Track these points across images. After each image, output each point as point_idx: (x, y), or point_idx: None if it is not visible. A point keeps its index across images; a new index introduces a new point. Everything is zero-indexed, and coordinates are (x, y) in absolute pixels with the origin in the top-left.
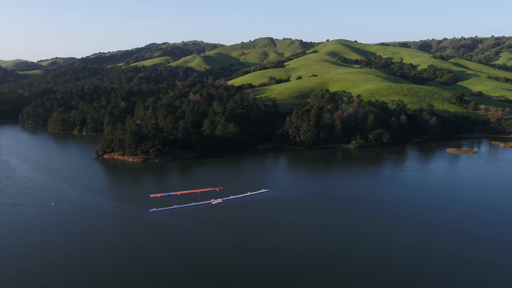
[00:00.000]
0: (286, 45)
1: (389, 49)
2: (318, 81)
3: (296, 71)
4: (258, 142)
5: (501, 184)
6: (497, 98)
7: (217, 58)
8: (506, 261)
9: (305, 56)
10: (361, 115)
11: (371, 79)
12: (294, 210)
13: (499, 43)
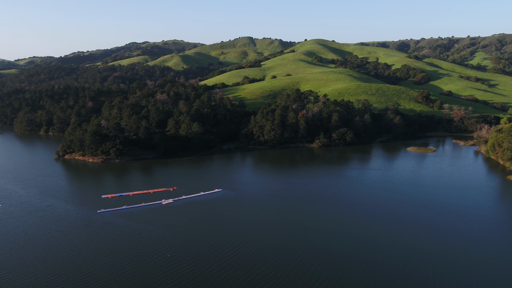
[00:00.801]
0: (265, 44)
1: (365, 49)
2: (290, 81)
3: (271, 70)
4: (223, 141)
5: (453, 181)
6: (465, 97)
7: (196, 58)
8: (457, 250)
9: (282, 56)
10: (325, 114)
11: (342, 78)
12: (243, 210)
13: (475, 43)
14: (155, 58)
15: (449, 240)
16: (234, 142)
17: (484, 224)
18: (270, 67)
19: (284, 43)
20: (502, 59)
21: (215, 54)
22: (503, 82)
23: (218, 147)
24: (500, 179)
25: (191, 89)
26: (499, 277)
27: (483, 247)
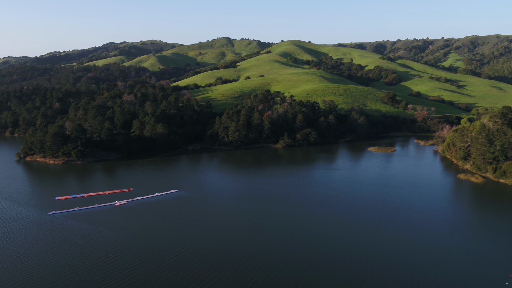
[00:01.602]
0: (243, 45)
1: (341, 50)
2: (262, 82)
3: (246, 71)
4: (189, 142)
5: (407, 180)
6: (433, 97)
7: (173, 58)
8: (408, 242)
9: (257, 57)
10: (290, 115)
11: (313, 79)
12: (197, 210)
13: (448, 44)
14: (131, 59)
15: (399, 233)
16: (200, 143)
17: (431, 221)
18: (245, 68)
19: (262, 44)
20: (474, 60)
21: (192, 55)
22: (472, 83)
23: (183, 148)
24: (452, 178)
25: (159, 90)
26: (448, 263)
27: (429, 241)
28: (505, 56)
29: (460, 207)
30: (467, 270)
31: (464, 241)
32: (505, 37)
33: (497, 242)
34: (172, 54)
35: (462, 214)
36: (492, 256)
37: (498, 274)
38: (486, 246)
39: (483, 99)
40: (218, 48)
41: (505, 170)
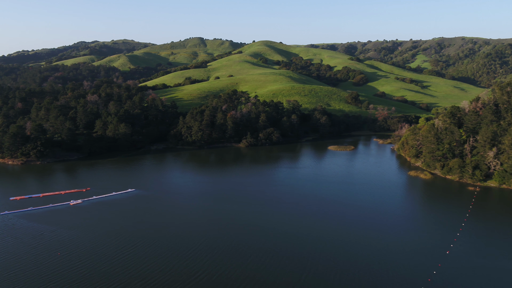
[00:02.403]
0: (216, 45)
1: (311, 50)
2: (230, 82)
3: (216, 71)
4: (153, 142)
5: (362, 177)
6: (396, 98)
7: (145, 58)
8: (364, 237)
9: (228, 57)
10: (254, 115)
11: (280, 80)
12: (152, 209)
13: (416, 46)
14: (102, 58)
15: (356, 228)
16: (164, 143)
17: (383, 217)
18: (215, 68)
19: (234, 44)
20: (440, 61)
21: (164, 55)
22: (435, 84)
23: (147, 148)
24: (404, 175)
25: (124, 90)
26: (392, 254)
27: (379, 235)
28: (470, 57)
29: (409, 202)
30: (405, 260)
31: (410, 235)
32: (469, 39)
33: (434, 234)
34: (144, 54)
35: (410, 209)
36: (425, 247)
37: (427, 263)
38: (424, 239)
39: (445, 99)
40: (191, 48)
41: (452, 167)
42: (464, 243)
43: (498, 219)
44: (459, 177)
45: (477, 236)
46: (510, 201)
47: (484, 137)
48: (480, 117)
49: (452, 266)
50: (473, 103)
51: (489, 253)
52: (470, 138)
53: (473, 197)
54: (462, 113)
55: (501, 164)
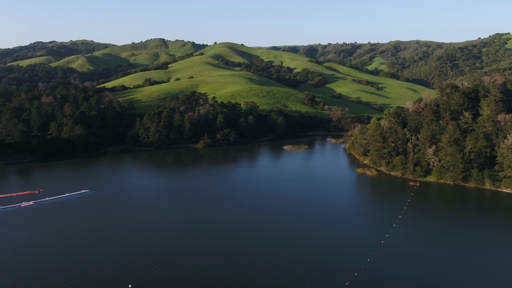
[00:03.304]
0: (178, 46)
1: (272, 52)
2: (190, 83)
3: (177, 73)
4: (111, 144)
5: (314, 175)
6: (352, 99)
7: (105, 59)
8: (314, 231)
9: (189, 58)
10: (211, 116)
11: (239, 81)
12: (106, 209)
13: (374, 48)
14: (60, 59)
15: (306, 223)
16: (121, 144)
17: (330, 212)
18: (176, 70)
19: (196, 45)
20: (396, 64)
21: (125, 56)
22: (390, 85)
23: (103, 150)
24: (352, 172)
25: (80, 91)
26: (345, 246)
27: (327, 230)
28: (423, 60)
29: (356, 198)
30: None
31: (352, 227)
32: (424, 43)
33: (372, 226)
34: (104, 55)
35: (355, 204)
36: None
37: (363, 252)
38: (363, 230)
39: (398, 100)
40: (152, 49)
41: (395, 164)
42: (398, 233)
43: (432, 211)
44: (402, 173)
45: (411, 226)
46: (445, 194)
47: (424, 135)
48: (422, 117)
49: (385, 253)
50: (416, 104)
51: (420, 242)
52: (413, 136)
53: (412, 192)
54: (406, 113)
55: (439, 160)
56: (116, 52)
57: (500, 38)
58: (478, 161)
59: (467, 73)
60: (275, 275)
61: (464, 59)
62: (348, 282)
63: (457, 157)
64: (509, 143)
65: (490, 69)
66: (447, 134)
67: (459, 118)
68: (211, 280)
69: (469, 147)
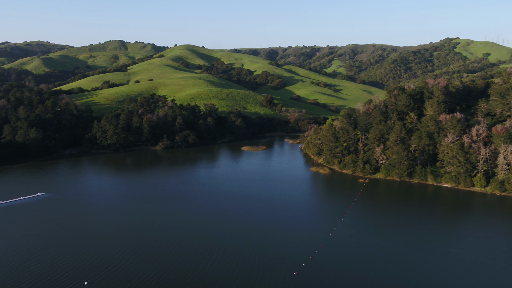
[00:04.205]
0: (138, 48)
1: (233, 55)
2: (149, 86)
3: (137, 75)
4: (67, 147)
5: (270, 174)
6: (310, 101)
7: (61, 61)
8: (269, 228)
9: (149, 61)
10: (170, 118)
11: (199, 84)
12: (62, 211)
13: (333, 52)
14: (13, 61)
15: (265, 221)
16: (79, 147)
17: (284, 209)
18: (136, 72)
19: (157, 47)
20: (354, 66)
21: (83, 58)
22: (347, 87)
23: (60, 153)
24: (307, 171)
25: (36, 94)
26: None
27: (281, 225)
28: (379, 63)
29: (309, 195)
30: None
31: (303, 222)
32: (380, 46)
33: (322, 220)
34: (60, 57)
35: (308, 201)
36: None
37: (311, 244)
38: (313, 225)
39: (354, 102)
40: (111, 51)
41: (346, 163)
42: (345, 226)
43: (379, 206)
44: (353, 171)
45: (358, 220)
46: (392, 190)
47: (373, 135)
48: (371, 117)
49: (331, 245)
50: (366, 105)
51: (365, 234)
52: (363, 136)
53: (361, 188)
54: (357, 114)
55: (387, 158)
56: (74, 53)
57: (450, 42)
58: (422, 158)
59: (419, 75)
60: (230, 269)
61: (416, 62)
62: (296, 272)
63: (403, 155)
64: (449, 141)
65: (441, 72)
66: (394, 133)
67: (405, 118)
68: (168, 277)
69: (414, 146)
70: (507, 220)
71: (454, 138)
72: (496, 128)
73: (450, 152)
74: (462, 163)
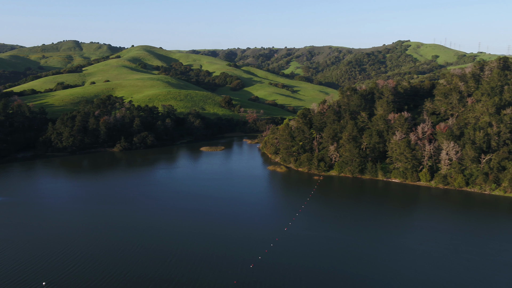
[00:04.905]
0: (93, 49)
1: (191, 56)
2: (105, 87)
3: (92, 76)
4: (20, 150)
5: (229, 173)
6: (268, 101)
7: (12, 61)
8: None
9: (105, 62)
10: (128, 119)
11: (157, 85)
12: (14, 214)
13: (290, 53)
14: None
15: (223, 221)
16: (32, 150)
17: (243, 206)
18: (91, 73)
19: (113, 48)
20: (311, 68)
21: (35, 58)
22: (304, 88)
23: (12, 156)
24: (265, 169)
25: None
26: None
27: (239, 222)
28: (335, 64)
29: (267, 193)
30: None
31: (260, 218)
32: (336, 48)
33: (278, 216)
34: (10, 57)
35: (266, 198)
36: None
37: (267, 239)
38: (270, 220)
39: (311, 102)
40: (65, 51)
41: (302, 161)
42: (300, 221)
43: (332, 201)
44: (308, 168)
45: (311, 215)
46: (345, 186)
47: (327, 134)
48: (325, 117)
49: (286, 239)
50: (320, 105)
51: (319, 227)
52: (317, 135)
53: (316, 185)
54: (312, 114)
55: (340, 156)
56: (25, 54)
57: (402, 45)
58: (372, 155)
59: (373, 77)
60: (189, 264)
61: (370, 63)
62: (252, 265)
63: (355, 153)
64: (397, 139)
65: (393, 73)
66: (346, 132)
67: (357, 118)
68: (128, 275)
69: (365, 143)
70: (449, 211)
71: (402, 136)
72: (439, 126)
73: (398, 149)
74: (409, 159)
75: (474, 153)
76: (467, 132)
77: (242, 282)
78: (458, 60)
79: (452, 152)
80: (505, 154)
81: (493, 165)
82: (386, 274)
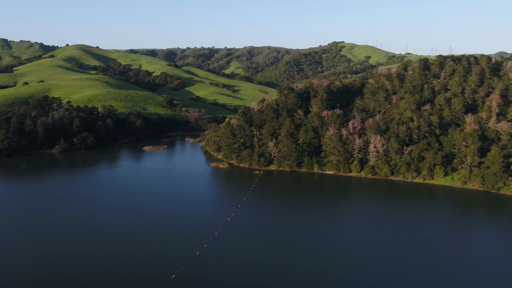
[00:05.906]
0: (24, 48)
1: (130, 56)
2: (41, 88)
3: (25, 76)
4: None
5: (173, 171)
6: (209, 101)
7: None
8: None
9: (38, 61)
10: (67, 120)
11: (96, 85)
12: None
13: (230, 53)
14: None
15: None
16: None
17: (187, 202)
18: (23, 73)
19: (46, 47)
20: (251, 68)
21: None
22: (245, 88)
23: None
24: (208, 166)
25: None
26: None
27: (185, 215)
28: (274, 64)
29: (210, 188)
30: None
31: (205, 211)
32: (274, 49)
33: (221, 208)
34: None
35: (210, 193)
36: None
37: (212, 228)
38: (214, 212)
39: (251, 101)
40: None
41: (243, 157)
42: (242, 212)
43: (272, 193)
44: (249, 164)
45: (252, 206)
46: (284, 179)
47: (267, 131)
48: (264, 115)
49: (229, 228)
50: (259, 104)
51: (259, 216)
52: (257, 132)
53: (256, 179)
54: (252, 113)
55: (279, 151)
56: None
57: (337, 46)
58: (309, 150)
59: (310, 76)
60: (142, 254)
61: (308, 64)
62: (198, 252)
63: (292, 148)
64: (330, 134)
65: (329, 72)
66: (284, 128)
67: (294, 115)
68: (79, 271)
69: (302, 139)
70: (377, 198)
71: (335, 131)
72: (368, 122)
73: (331, 143)
74: (341, 152)
75: (398, 145)
76: (392, 127)
77: (189, 268)
78: (388, 61)
79: (379, 145)
80: (425, 145)
81: (414, 156)
82: (321, 254)
